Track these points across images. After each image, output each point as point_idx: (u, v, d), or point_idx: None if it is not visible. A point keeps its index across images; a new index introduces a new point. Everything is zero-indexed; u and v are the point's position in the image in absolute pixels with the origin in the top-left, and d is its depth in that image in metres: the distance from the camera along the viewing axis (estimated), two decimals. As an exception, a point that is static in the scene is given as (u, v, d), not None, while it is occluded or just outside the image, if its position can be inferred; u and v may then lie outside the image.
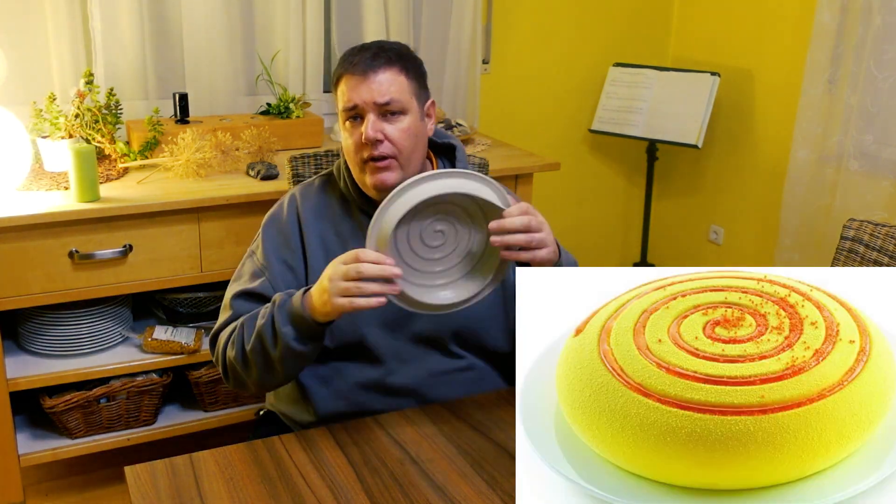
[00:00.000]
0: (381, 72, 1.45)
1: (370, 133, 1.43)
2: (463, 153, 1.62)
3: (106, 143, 2.38)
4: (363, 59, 1.46)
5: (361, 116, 1.46)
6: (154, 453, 2.40)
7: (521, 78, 3.44)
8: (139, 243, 2.19)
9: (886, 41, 2.75)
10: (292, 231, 1.55)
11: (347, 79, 1.47)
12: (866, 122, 2.83)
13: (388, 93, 1.45)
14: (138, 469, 1.28)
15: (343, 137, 1.51)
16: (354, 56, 1.48)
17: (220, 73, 2.74)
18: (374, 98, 1.44)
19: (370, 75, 1.45)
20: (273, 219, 1.58)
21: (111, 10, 2.53)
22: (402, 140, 1.46)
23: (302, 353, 1.39)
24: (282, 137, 2.57)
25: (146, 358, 2.32)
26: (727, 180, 3.56)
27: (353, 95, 1.45)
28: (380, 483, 1.26)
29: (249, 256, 1.57)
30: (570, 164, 3.63)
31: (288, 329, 1.36)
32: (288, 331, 1.36)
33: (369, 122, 1.44)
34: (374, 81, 1.44)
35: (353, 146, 1.48)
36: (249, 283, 1.53)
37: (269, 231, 1.57)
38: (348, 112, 1.47)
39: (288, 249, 1.54)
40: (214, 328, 1.55)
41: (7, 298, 2.10)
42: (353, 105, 1.46)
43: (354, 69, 1.46)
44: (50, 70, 2.53)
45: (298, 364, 1.43)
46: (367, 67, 1.45)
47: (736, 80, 3.42)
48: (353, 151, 1.48)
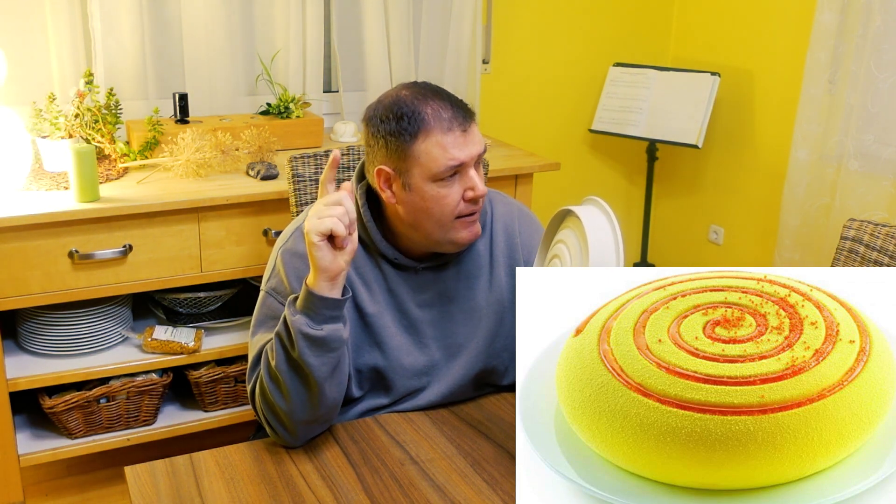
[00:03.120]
0: (473, 123, 1.40)
1: (483, 188, 1.39)
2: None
3: (106, 143, 2.38)
4: (451, 114, 1.37)
5: (456, 173, 1.38)
6: (154, 453, 2.41)
7: (521, 78, 3.44)
8: (139, 243, 2.19)
9: (886, 41, 2.75)
10: None
11: (443, 137, 1.35)
12: (866, 122, 2.83)
13: (483, 141, 1.41)
14: (138, 469, 1.28)
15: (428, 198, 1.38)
16: (433, 112, 1.36)
17: (220, 73, 2.74)
18: (478, 151, 1.39)
19: (469, 129, 1.38)
20: (295, 254, 1.44)
21: (111, 10, 2.53)
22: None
23: (322, 340, 1.28)
24: (282, 137, 2.57)
25: (146, 358, 2.32)
26: (727, 180, 3.56)
27: (458, 153, 1.36)
28: (380, 483, 1.26)
29: (272, 295, 1.44)
30: (570, 164, 3.63)
31: (299, 317, 1.28)
32: (299, 318, 1.28)
33: (478, 177, 1.39)
34: (472, 133, 1.38)
35: (451, 203, 1.39)
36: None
37: (293, 267, 1.43)
38: (452, 170, 1.37)
39: None
40: (252, 384, 1.41)
41: (7, 298, 2.10)
42: (460, 162, 1.37)
43: (452, 127, 1.36)
44: (50, 70, 2.53)
45: (323, 360, 1.30)
46: (464, 122, 1.37)
47: (736, 80, 3.42)
48: (451, 208, 1.39)
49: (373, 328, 1.47)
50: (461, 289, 1.51)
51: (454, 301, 1.51)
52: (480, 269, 1.52)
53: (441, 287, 1.50)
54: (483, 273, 1.52)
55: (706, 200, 3.69)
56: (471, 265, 1.52)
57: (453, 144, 1.35)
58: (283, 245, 1.47)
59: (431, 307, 1.50)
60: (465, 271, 1.51)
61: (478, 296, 1.52)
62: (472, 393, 1.54)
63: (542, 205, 3.47)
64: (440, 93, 1.39)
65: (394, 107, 1.36)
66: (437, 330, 1.50)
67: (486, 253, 1.53)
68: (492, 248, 1.53)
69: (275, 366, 1.32)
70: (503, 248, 1.54)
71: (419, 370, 1.50)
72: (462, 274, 1.51)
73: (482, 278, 1.52)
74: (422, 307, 1.50)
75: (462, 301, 1.51)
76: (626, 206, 3.91)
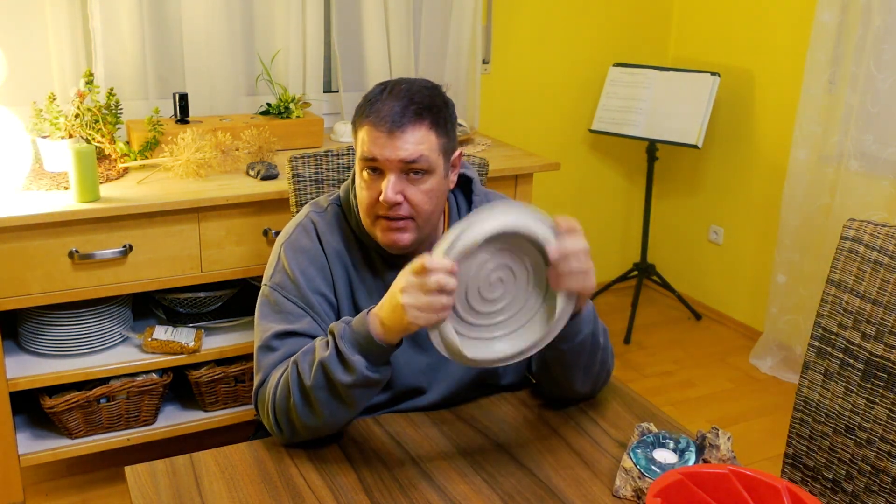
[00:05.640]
0: (410, 129, 1.32)
1: (390, 196, 1.33)
2: (479, 186, 1.55)
3: (106, 143, 2.38)
4: (390, 111, 1.33)
5: (381, 170, 1.35)
6: (154, 453, 2.41)
7: (521, 78, 3.44)
8: (139, 243, 2.19)
9: (886, 41, 2.75)
10: (322, 263, 1.45)
11: (370, 130, 1.34)
12: (866, 122, 2.83)
13: (414, 152, 1.33)
14: (138, 469, 1.28)
15: (358, 184, 1.40)
16: (381, 104, 1.34)
17: (220, 73, 2.74)
18: (398, 157, 1.32)
19: (396, 133, 1.32)
20: (299, 249, 1.44)
21: (111, 10, 2.53)
22: (422, 203, 1.36)
23: (376, 381, 1.28)
24: (282, 137, 2.57)
25: (146, 358, 2.32)
26: (727, 180, 3.56)
27: (374, 149, 1.33)
28: (380, 483, 1.26)
29: (278, 291, 1.43)
30: (570, 164, 3.63)
31: (358, 358, 1.25)
32: (358, 360, 1.25)
33: (389, 183, 1.33)
34: (400, 139, 1.32)
35: (367, 199, 1.37)
36: (292, 322, 1.40)
37: (299, 263, 1.43)
38: (366, 162, 1.35)
39: (324, 281, 1.44)
40: (260, 377, 1.38)
41: (7, 298, 2.10)
42: (373, 158, 1.34)
43: (380, 123, 1.33)
44: (50, 70, 2.53)
45: (369, 393, 1.30)
46: (393, 124, 1.32)
47: (736, 80, 3.42)
48: (366, 204, 1.38)
49: None
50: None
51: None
52: None
53: None
54: None
55: (706, 200, 3.69)
56: None
57: (373, 140, 1.33)
58: (285, 239, 1.47)
59: None
60: None
61: None
62: (472, 393, 1.54)
63: (543, 205, 3.45)
64: (409, 91, 1.35)
65: (373, 88, 1.39)
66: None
67: None
68: None
69: (310, 386, 1.29)
70: None
71: (418, 369, 1.50)
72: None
73: None
74: None
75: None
76: (626, 206, 3.91)
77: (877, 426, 1.41)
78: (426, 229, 1.41)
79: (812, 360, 1.51)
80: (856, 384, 1.44)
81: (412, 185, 1.35)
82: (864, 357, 1.43)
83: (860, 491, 1.44)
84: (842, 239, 1.48)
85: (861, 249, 1.45)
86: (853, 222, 1.47)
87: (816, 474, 1.51)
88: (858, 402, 1.44)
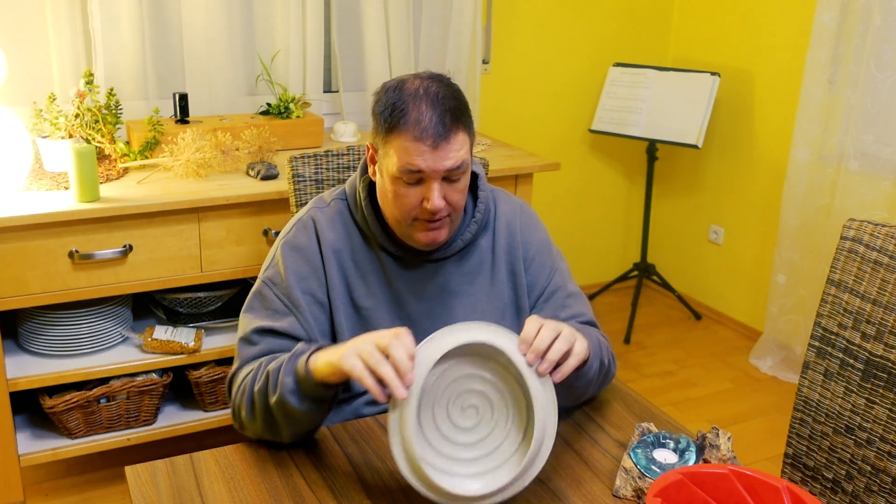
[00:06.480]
0: (452, 139, 1.33)
1: (438, 204, 1.35)
2: (484, 181, 1.55)
3: (106, 143, 2.38)
4: (430, 123, 1.32)
5: (422, 179, 1.35)
6: (154, 453, 2.41)
7: (521, 78, 3.44)
8: (139, 243, 2.19)
9: (886, 41, 2.75)
10: (317, 262, 1.45)
11: (413, 143, 1.32)
12: (866, 122, 2.83)
13: (458, 160, 1.34)
14: (139, 469, 1.28)
15: (389, 189, 1.38)
16: (416, 114, 1.33)
17: (220, 73, 2.74)
18: (445, 167, 1.33)
19: (441, 145, 1.32)
20: (295, 247, 1.46)
21: (111, 10, 2.53)
22: (459, 200, 1.39)
23: (296, 412, 1.27)
24: (282, 137, 2.57)
25: (146, 358, 2.32)
26: (727, 180, 3.56)
27: (419, 162, 1.32)
28: (380, 483, 1.26)
29: (269, 286, 1.44)
30: (570, 164, 3.63)
31: (288, 380, 1.26)
32: (288, 381, 1.26)
33: (435, 192, 1.34)
34: (444, 149, 1.32)
35: (407, 205, 1.37)
36: (275, 320, 1.42)
37: (293, 261, 1.44)
38: (410, 175, 1.34)
39: (316, 281, 1.45)
40: (236, 365, 1.42)
41: (7, 298, 2.10)
42: (419, 170, 1.33)
43: (423, 136, 1.32)
44: (50, 70, 2.53)
45: (296, 425, 1.30)
46: (438, 136, 1.32)
47: (736, 80, 3.42)
48: (406, 209, 1.38)
49: (368, 322, 1.47)
50: (463, 283, 1.51)
51: (455, 295, 1.51)
52: (482, 266, 1.52)
53: (441, 281, 1.50)
54: (485, 269, 1.52)
55: (706, 200, 3.69)
56: (473, 260, 1.52)
57: (418, 153, 1.32)
58: (284, 236, 1.49)
59: (431, 300, 1.50)
60: (467, 266, 1.51)
61: (479, 291, 1.52)
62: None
63: (543, 205, 3.47)
64: (438, 96, 1.35)
65: (393, 93, 1.37)
66: (435, 323, 1.49)
67: (489, 250, 1.53)
68: (494, 245, 1.54)
69: (256, 390, 1.32)
70: (504, 246, 1.54)
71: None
72: (464, 269, 1.51)
73: (484, 274, 1.52)
74: (421, 300, 1.49)
75: (463, 296, 1.51)
76: (626, 206, 3.91)
77: (877, 426, 1.41)
78: (457, 222, 1.44)
79: (812, 360, 1.51)
80: (856, 384, 1.44)
81: (450, 186, 1.38)
82: (864, 357, 1.43)
83: (860, 491, 1.44)
84: (842, 239, 1.48)
85: (861, 249, 1.45)
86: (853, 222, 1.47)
87: (816, 474, 1.51)
88: (858, 402, 1.44)
